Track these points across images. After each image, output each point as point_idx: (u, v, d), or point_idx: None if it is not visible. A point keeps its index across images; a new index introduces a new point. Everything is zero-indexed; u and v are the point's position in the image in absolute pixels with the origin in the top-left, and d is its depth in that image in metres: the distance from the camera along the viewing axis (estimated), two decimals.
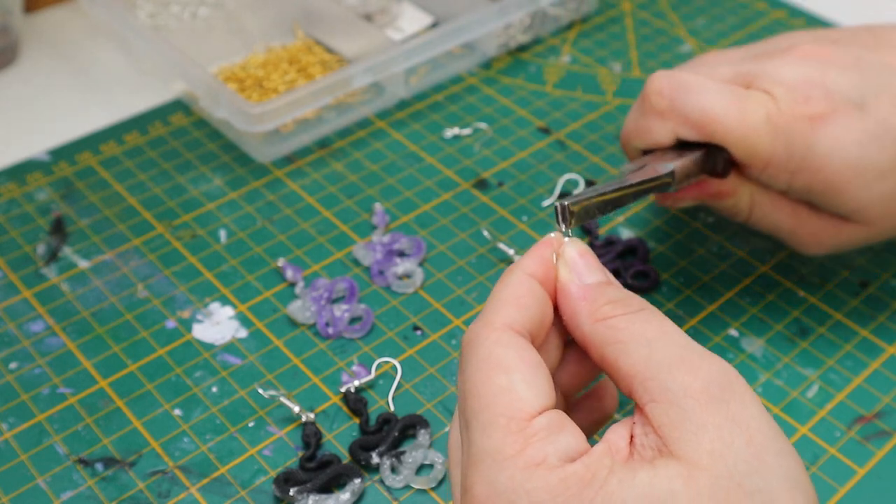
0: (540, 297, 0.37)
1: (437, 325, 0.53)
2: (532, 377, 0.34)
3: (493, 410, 0.33)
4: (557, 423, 0.33)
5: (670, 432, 0.32)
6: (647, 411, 0.33)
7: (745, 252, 0.58)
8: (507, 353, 0.34)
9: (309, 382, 0.50)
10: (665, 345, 0.34)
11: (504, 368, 0.34)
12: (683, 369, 0.33)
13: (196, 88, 0.62)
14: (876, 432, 0.48)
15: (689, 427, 0.32)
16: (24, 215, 0.59)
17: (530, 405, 0.33)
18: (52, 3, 0.77)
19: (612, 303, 0.36)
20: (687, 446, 0.32)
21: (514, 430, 0.33)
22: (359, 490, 0.45)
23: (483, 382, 0.34)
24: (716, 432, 0.32)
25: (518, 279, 0.37)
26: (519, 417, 0.33)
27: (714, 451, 0.31)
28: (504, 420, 0.33)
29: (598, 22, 0.77)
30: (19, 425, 0.48)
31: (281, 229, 0.59)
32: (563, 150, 0.65)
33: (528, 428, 0.33)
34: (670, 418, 0.32)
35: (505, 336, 0.35)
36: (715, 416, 0.32)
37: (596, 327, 0.35)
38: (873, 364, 0.52)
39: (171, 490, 0.45)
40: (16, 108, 0.68)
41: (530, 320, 0.36)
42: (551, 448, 0.32)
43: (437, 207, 0.60)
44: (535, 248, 0.38)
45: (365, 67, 0.63)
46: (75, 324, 0.53)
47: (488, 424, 0.33)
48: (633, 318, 0.35)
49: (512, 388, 0.34)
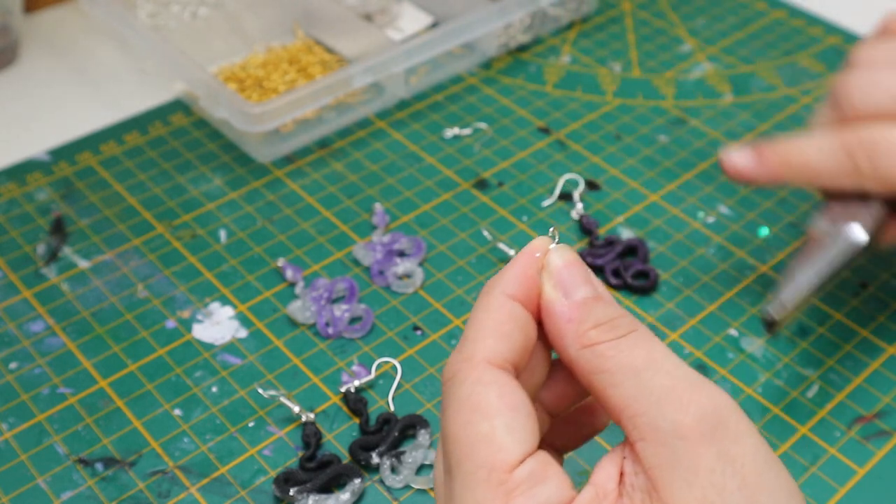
0: (522, 321, 0.35)
1: (437, 325, 0.53)
2: (513, 421, 0.32)
3: (473, 461, 0.32)
4: (540, 473, 0.32)
5: (660, 475, 0.31)
6: (638, 449, 0.32)
7: (745, 252, 0.58)
8: (487, 393, 0.33)
9: (309, 382, 0.50)
10: (654, 375, 0.32)
11: (484, 413, 0.33)
12: (673, 404, 0.32)
13: (196, 88, 0.62)
14: (876, 432, 0.48)
15: (678, 472, 0.31)
16: (24, 215, 0.59)
17: (511, 454, 0.32)
18: (52, 3, 0.77)
19: (599, 326, 0.34)
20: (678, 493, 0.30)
21: (494, 484, 0.31)
22: (359, 490, 0.45)
23: (464, 428, 0.33)
24: (707, 477, 0.30)
25: (498, 303, 0.35)
26: (500, 469, 0.32)
27: (705, 498, 0.30)
28: (485, 472, 0.32)
29: (598, 22, 0.77)
30: (19, 425, 0.48)
31: (281, 229, 0.59)
32: (563, 150, 0.65)
33: (509, 481, 0.32)
34: (660, 460, 0.31)
35: (486, 374, 0.33)
36: (706, 457, 0.31)
37: (582, 353, 0.34)
38: (873, 364, 0.52)
39: (171, 490, 0.45)
40: (16, 108, 0.68)
41: (511, 350, 0.34)
42: (533, 502, 0.31)
43: (437, 207, 0.60)
44: (518, 262, 0.36)
45: (365, 67, 0.63)
46: (75, 324, 0.53)
47: (469, 476, 0.32)
48: (621, 344, 0.33)
49: (492, 435, 0.32)
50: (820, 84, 0.71)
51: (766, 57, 0.74)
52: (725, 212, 0.60)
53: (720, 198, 0.61)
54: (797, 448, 0.48)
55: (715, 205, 0.61)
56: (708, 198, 0.61)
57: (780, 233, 0.59)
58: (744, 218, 0.60)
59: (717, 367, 0.51)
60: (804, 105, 0.69)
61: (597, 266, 0.56)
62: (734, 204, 0.61)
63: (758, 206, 0.61)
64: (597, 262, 0.56)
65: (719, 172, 0.63)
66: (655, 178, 0.63)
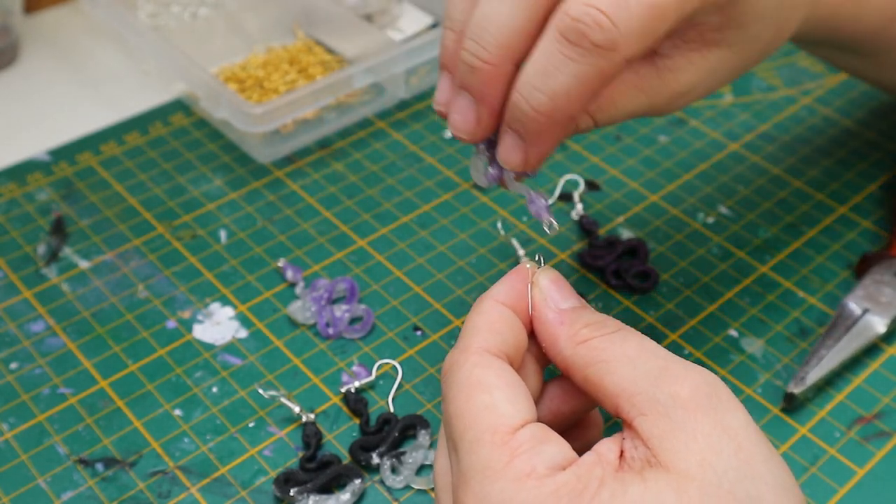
0: (513, 323, 0.37)
1: (437, 325, 0.53)
2: (513, 394, 0.34)
3: (477, 427, 0.34)
4: (542, 435, 0.33)
5: (660, 443, 0.32)
6: (637, 425, 0.33)
7: (745, 252, 0.58)
8: (485, 373, 0.35)
9: (309, 383, 0.50)
10: (647, 359, 0.34)
11: (484, 387, 0.34)
12: (669, 380, 0.33)
13: (196, 89, 0.62)
14: (876, 433, 0.48)
15: (679, 437, 0.32)
16: (25, 215, 0.59)
17: (512, 419, 0.34)
18: (52, 3, 0.77)
19: (590, 325, 0.36)
20: (677, 457, 0.32)
21: (499, 444, 0.33)
22: (359, 490, 0.45)
23: (465, 403, 0.34)
24: (705, 441, 0.32)
25: (490, 306, 0.37)
26: (503, 431, 0.33)
27: (704, 460, 0.31)
28: (489, 435, 0.33)
29: None
30: (20, 425, 0.48)
31: (281, 229, 0.59)
32: (563, 150, 0.65)
33: (512, 440, 0.33)
34: (660, 429, 0.32)
35: (483, 359, 0.35)
36: (704, 424, 0.32)
37: (577, 350, 0.36)
38: (873, 364, 0.52)
39: (171, 490, 0.45)
40: (16, 108, 0.68)
41: (505, 344, 0.36)
42: (538, 459, 0.32)
43: (438, 208, 0.61)
44: (506, 279, 0.38)
45: (365, 68, 0.63)
46: (75, 324, 0.53)
47: (474, 441, 0.33)
48: (613, 337, 0.35)
49: (494, 404, 0.34)
50: (820, 84, 0.71)
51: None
52: (725, 212, 0.60)
53: (720, 198, 0.61)
54: (797, 448, 0.48)
55: (715, 205, 0.61)
56: (708, 198, 0.61)
57: (780, 233, 0.59)
58: (744, 218, 0.60)
59: (716, 367, 0.51)
60: (804, 105, 0.69)
61: (597, 266, 0.56)
62: (734, 204, 0.61)
63: (758, 206, 0.61)
64: (597, 263, 0.56)
65: (719, 172, 0.63)
66: (655, 179, 0.63)
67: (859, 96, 0.70)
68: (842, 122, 0.68)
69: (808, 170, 0.64)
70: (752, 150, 0.65)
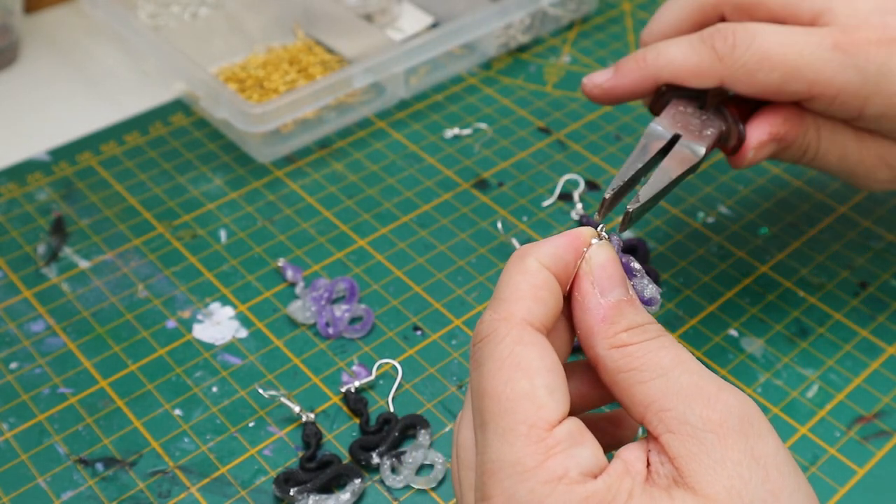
0: (555, 293, 0.35)
1: (437, 325, 0.53)
2: (553, 382, 0.33)
3: (513, 417, 0.32)
4: (578, 435, 0.32)
5: (688, 464, 0.31)
6: (664, 441, 0.32)
7: (745, 252, 0.58)
8: (528, 353, 0.33)
9: (309, 382, 0.50)
10: (681, 374, 0.33)
11: (525, 372, 0.33)
12: (701, 401, 0.32)
13: (196, 88, 0.62)
14: (876, 432, 0.48)
15: (707, 462, 0.31)
16: (25, 215, 0.59)
17: (551, 413, 0.32)
18: (52, 3, 0.77)
19: (630, 330, 0.35)
20: (705, 481, 0.31)
21: (534, 440, 0.32)
22: (359, 490, 0.45)
23: (503, 384, 0.33)
24: (734, 468, 0.31)
25: (535, 269, 0.35)
26: (540, 426, 0.32)
27: (732, 487, 0.31)
28: (525, 428, 0.32)
29: (598, 22, 0.77)
30: (20, 425, 0.48)
31: (281, 229, 0.59)
32: (563, 150, 0.65)
33: (548, 438, 0.32)
34: (688, 451, 0.32)
35: (526, 334, 0.34)
36: (733, 450, 0.32)
37: (611, 353, 0.34)
38: (873, 364, 0.52)
39: (171, 490, 0.45)
40: (16, 108, 0.68)
41: (545, 315, 0.35)
42: (572, 462, 0.32)
43: (437, 207, 0.61)
44: (556, 241, 0.36)
45: (365, 68, 0.63)
46: (75, 324, 0.53)
47: (508, 431, 0.32)
48: (649, 345, 0.34)
49: (534, 394, 0.32)
50: None
51: None
52: (725, 212, 0.60)
53: (720, 198, 0.61)
54: (797, 448, 0.48)
55: (715, 205, 0.61)
56: (708, 198, 0.61)
57: (780, 233, 0.59)
58: (744, 218, 0.60)
59: (717, 367, 0.51)
60: None
61: None
62: (734, 204, 0.61)
63: (758, 206, 0.61)
64: None
65: (719, 172, 0.63)
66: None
67: None
68: None
69: (808, 170, 0.64)
70: None
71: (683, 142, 0.46)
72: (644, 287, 0.36)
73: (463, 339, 0.53)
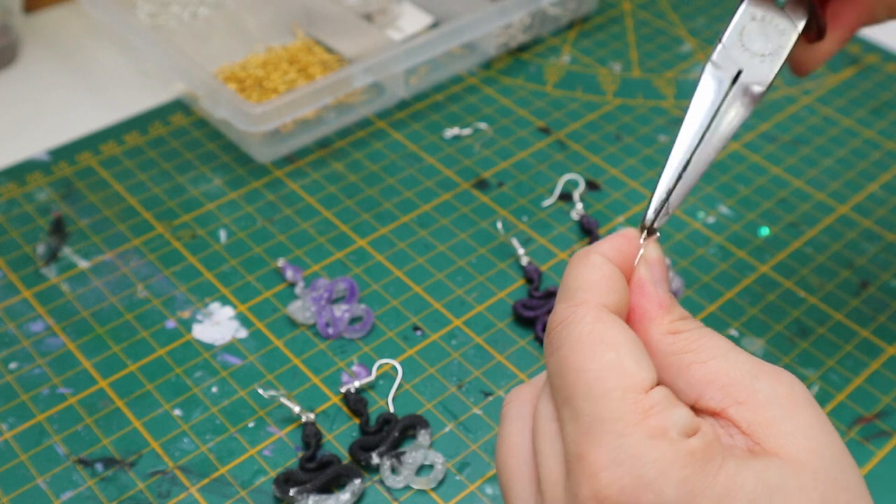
0: (623, 285, 0.36)
1: (437, 325, 0.53)
2: (639, 353, 0.33)
3: (604, 384, 0.32)
4: (671, 398, 0.33)
5: (764, 430, 0.32)
6: (732, 413, 0.33)
7: (746, 252, 0.58)
8: (609, 329, 0.34)
9: (309, 383, 0.50)
10: (739, 355, 0.34)
11: (610, 344, 0.33)
12: (765, 377, 0.34)
13: (196, 88, 0.62)
14: (876, 432, 0.48)
15: (784, 427, 0.32)
16: (24, 215, 0.59)
17: (642, 379, 0.32)
18: (52, 3, 0.77)
19: (684, 319, 0.36)
20: (785, 445, 0.32)
21: (631, 401, 0.32)
22: (359, 490, 0.45)
23: (588, 360, 0.33)
24: (809, 431, 0.32)
25: (601, 261, 0.36)
26: (634, 390, 0.32)
27: (810, 448, 0.32)
28: (619, 392, 0.32)
29: (598, 22, 0.77)
30: (19, 425, 0.48)
31: (281, 229, 0.59)
32: (563, 150, 0.65)
33: (644, 400, 0.32)
34: (764, 418, 0.33)
35: (603, 314, 0.34)
36: (804, 418, 0.33)
37: (666, 337, 0.35)
38: (873, 364, 0.52)
39: (171, 490, 0.45)
40: (16, 108, 0.68)
41: (618, 303, 0.35)
42: (671, 421, 0.32)
43: (437, 207, 0.60)
44: (613, 239, 0.37)
45: (365, 67, 0.63)
46: (75, 324, 0.53)
47: (602, 396, 0.32)
48: (703, 332, 0.35)
49: (622, 363, 0.33)
50: (820, 84, 0.71)
51: None
52: (725, 212, 0.60)
53: (720, 198, 0.61)
54: None
55: (715, 205, 0.61)
56: (708, 198, 0.61)
57: (780, 233, 0.59)
58: (744, 218, 0.60)
59: None
60: (804, 105, 0.69)
61: None
62: (734, 204, 0.61)
63: (758, 206, 0.61)
64: None
65: (719, 172, 0.63)
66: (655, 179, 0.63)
67: (859, 96, 0.70)
68: (842, 122, 0.68)
69: (808, 170, 0.64)
70: (752, 149, 0.65)
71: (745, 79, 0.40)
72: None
73: (463, 339, 0.53)
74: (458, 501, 0.45)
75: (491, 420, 0.49)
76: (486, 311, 0.54)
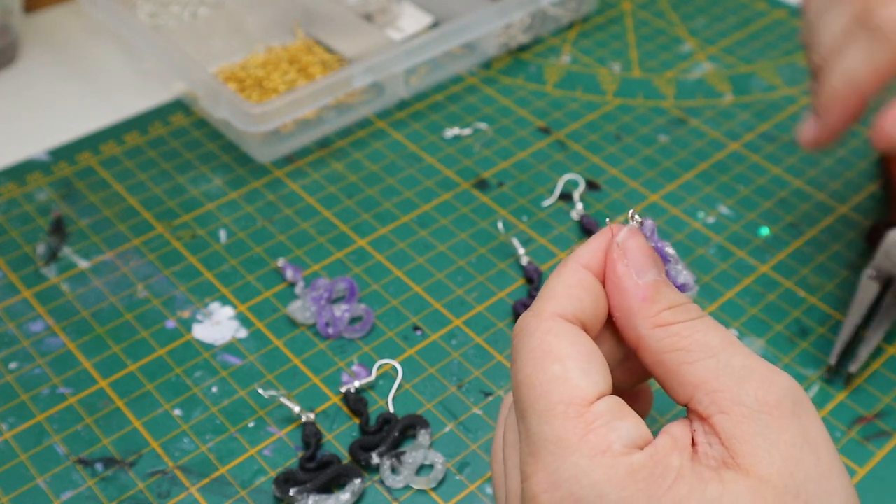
0: (593, 290, 0.35)
1: (437, 325, 0.53)
2: (586, 364, 0.33)
3: (549, 399, 0.32)
4: (618, 409, 0.32)
5: (741, 446, 0.31)
6: (715, 422, 0.32)
7: (745, 252, 0.58)
8: (558, 341, 0.33)
9: (309, 382, 0.50)
10: (731, 355, 0.33)
11: (556, 357, 0.33)
12: (755, 382, 0.32)
13: (196, 88, 0.62)
14: (876, 432, 0.48)
15: (761, 443, 0.31)
16: (24, 215, 0.59)
17: (587, 392, 0.32)
18: (52, 3, 0.77)
19: (673, 308, 0.34)
20: (758, 462, 0.31)
21: (572, 416, 0.31)
22: (359, 490, 0.45)
23: (536, 372, 0.33)
24: (788, 450, 0.31)
25: (570, 269, 0.35)
26: (577, 403, 0.32)
27: (785, 468, 0.31)
28: (562, 407, 0.32)
29: (598, 22, 0.77)
30: (19, 425, 0.48)
31: (281, 229, 0.59)
32: (563, 150, 0.65)
33: (587, 413, 0.31)
34: (742, 432, 0.31)
35: (555, 325, 0.34)
36: (787, 432, 0.31)
37: (654, 332, 0.34)
38: (873, 364, 0.52)
39: (171, 490, 0.45)
40: (16, 108, 0.68)
41: (582, 311, 0.34)
42: (615, 435, 0.31)
43: (437, 207, 0.60)
44: (593, 240, 0.36)
45: (365, 67, 0.63)
46: (75, 324, 0.53)
47: (545, 412, 0.32)
48: (695, 325, 0.34)
49: (567, 376, 0.32)
50: None
51: (766, 57, 0.74)
52: (725, 212, 0.60)
53: (720, 198, 0.61)
54: None
55: (715, 205, 0.61)
56: (708, 198, 0.61)
57: (780, 233, 0.59)
58: (744, 218, 0.60)
59: None
60: (804, 105, 0.69)
61: None
62: (734, 204, 0.61)
63: (758, 206, 0.61)
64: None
65: (719, 172, 0.63)
66: (655, 178, 0.63)
67: None
68: None
69: (808, 169, 0.64)
70: (752, 149, 0.65)
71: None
72: (678, 272, 0.36)
73: (463, 338, 0.53)
74: (458, 501, 0.45)
75: (491, 420, 0.49)
76: (486, 311, 0.54)
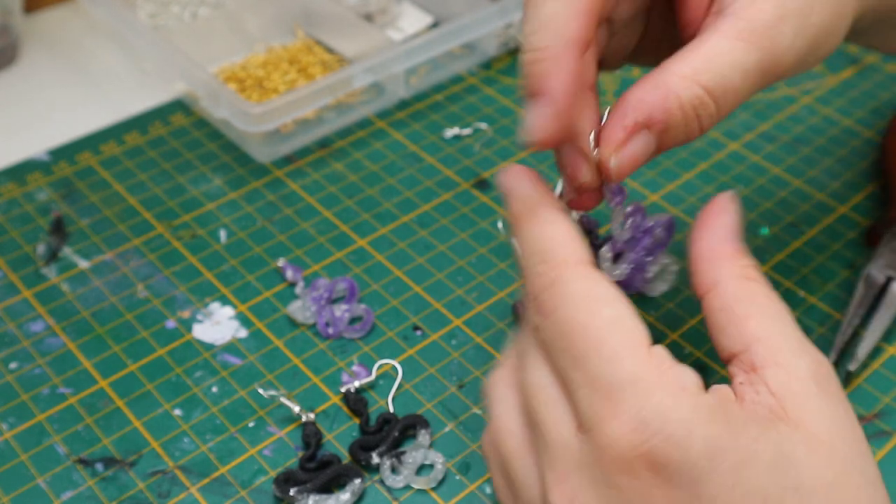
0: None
1: (437, 325, 0.53)
2: (633, 311, 0.33)
3: (612, 342, 0.32)
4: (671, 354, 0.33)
5: (794, 400, 0.33)
6: (770, 374, 0.33)
7: None
8: (599, 287, 0.34)
9: (309, 382, 0.50)
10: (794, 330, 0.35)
11: (605, 301, 0.33)
12: (810, 353, 0.34)
13: (196, 88, 0.62)
14: (876, 432, 0.48)
15: (814, 403, 0.33)
16: (24, 215, 0.59)
17: (644, 334, 0.32)
18: (52, 3, 0.77)
19: (756, 267, 0.36)
20: (808, 417, 0.32)
21: (643, 358, 0.31)
22: (359, 490, 0.45)
23: (589, 316, 0.33)
24: (834, 414, 0.33)
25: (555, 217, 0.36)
26: (643, 345, 0.32)
27: (832, 429, 0.32)
28: (629, 349, 0.32)
29: None
30: (19, 425, 0.48)
31: (281, 229, 0.59)
32: None
33: (655, 356, 0.32)
34: (797, 389, 0.33)
35: (588, 271, 0.34)
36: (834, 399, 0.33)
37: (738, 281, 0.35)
38: (873, 364, 0.52)
39: (171, 490, 0.45)
40: (16, 108, 0.68)
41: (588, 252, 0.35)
42: (686, 376, 0.32)
43: (437, 207, 0.60)
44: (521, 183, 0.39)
45: (365, 67, 0.63)
46: (75, 324, 0.53)
47: (613, 354, 0.32)
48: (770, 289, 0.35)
49: (622, 318, 0.33)
50: (820, 84, 0.71)
51: None
52: None
53: None
54: None
55: None
56: (708, 198, 0.61)
57: (779, 233, 0.59)
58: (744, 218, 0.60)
59: (717, 367, 0.51)
60: (804, 105, 0.69)
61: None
62: None
63: (758, 206, 0.61)
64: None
65: (719, 172, 0.63)
66: (655, 178, 0.63)
67: (859, 96, 0.70)
68: (842, 122, 0.68)
69: (808, 170, 0.64)
70: (752, 149, 0.65)
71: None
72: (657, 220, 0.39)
73: (463, 338, 0.53)
74: (458, 501, 0.45)
75: None
76: (486, 311, 0.54)
